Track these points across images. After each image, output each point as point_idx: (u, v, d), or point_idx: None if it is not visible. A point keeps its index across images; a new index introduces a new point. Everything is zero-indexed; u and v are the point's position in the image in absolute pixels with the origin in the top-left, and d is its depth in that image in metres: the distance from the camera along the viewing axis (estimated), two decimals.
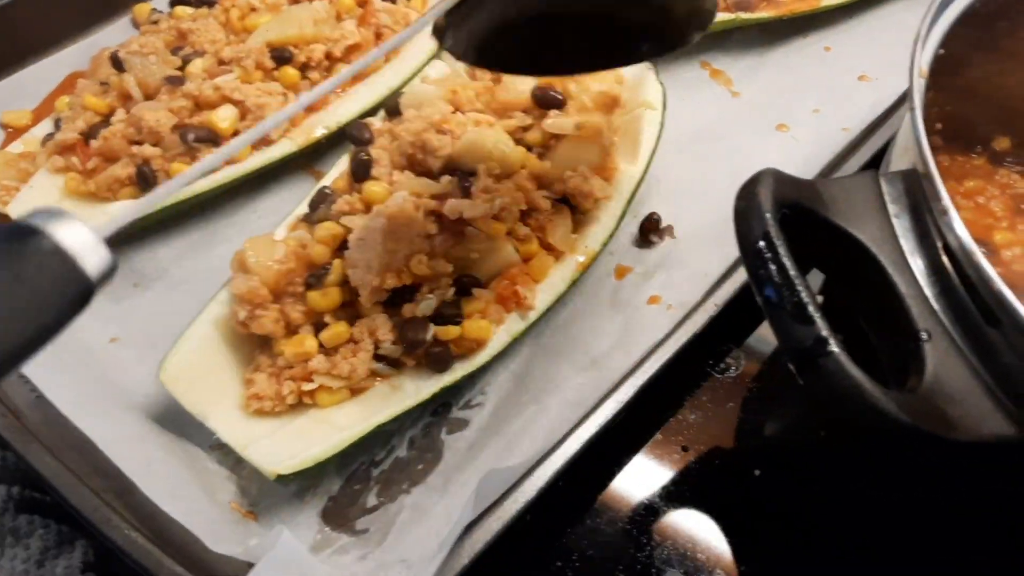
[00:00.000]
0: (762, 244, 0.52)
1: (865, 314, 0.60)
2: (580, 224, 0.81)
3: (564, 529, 0.70)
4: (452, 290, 0.73)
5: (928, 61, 0.65)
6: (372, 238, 0.70)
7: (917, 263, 0.56)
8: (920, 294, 0.54)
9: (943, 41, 0.66)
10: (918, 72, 0.62)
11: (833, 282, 0.67)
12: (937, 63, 0.66)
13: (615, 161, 0.84)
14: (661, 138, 0.87)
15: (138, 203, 0.40)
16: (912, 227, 0.57)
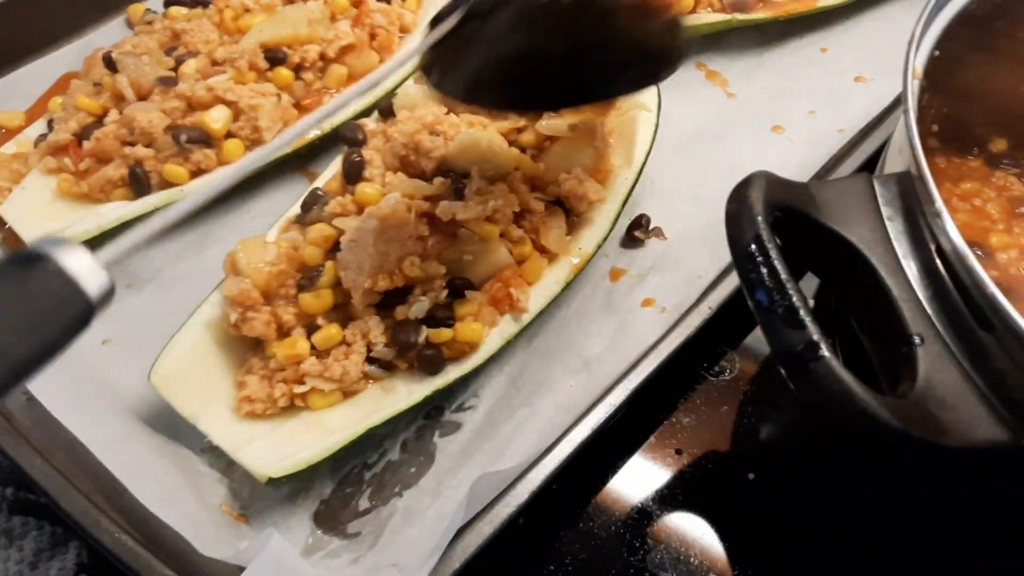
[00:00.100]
0: (753, 247, 0.51)
1: (858, 318, 0.60)
2: (574, 226, 0.81)
3: (557, 533, 0.70)
4: (445, 292, 0.73)
5: (923, 63, 0.64)
6: (364, 240, 0.70)
7: (910, 266, 0.55)
8: (913, 297, 0.54)
9: (938, 43, 0.66)
10: (912, 74, 0.61)
11: (826, 285, 0.67)
12: (933, 65, 0.65)
13: (609, 163, 0.83)
14: (656, 139, 0.87)
15: (139, 232, 0.43)
16: (906, 230, 0.57)
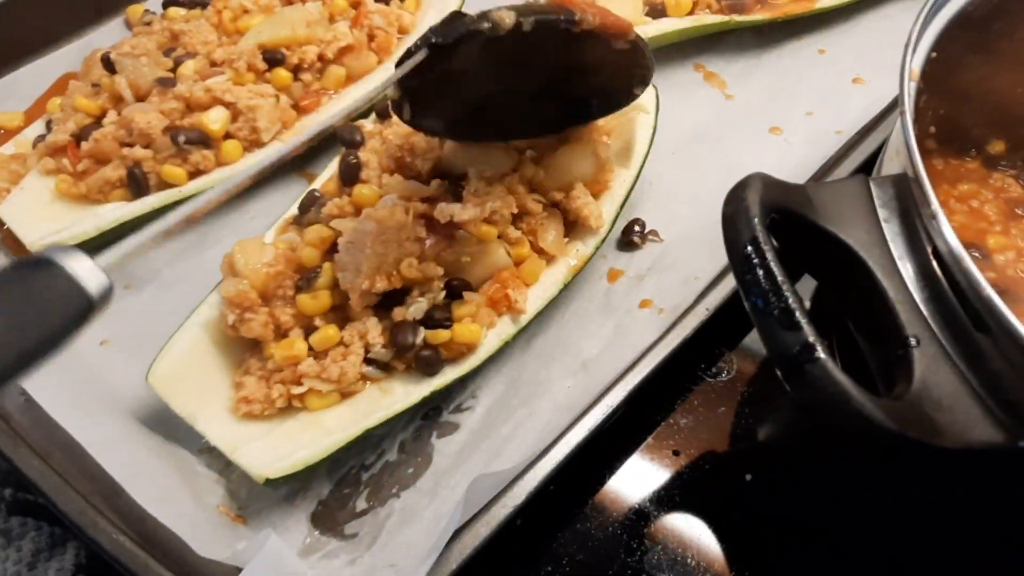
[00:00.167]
0: (749, 249, 0.51)
1: (854, 319, 0.60)
2: (572, 228, 0.81)
3: (554, 533, 0.70)
4: (443, 293, 0.73)
5: (920, 65, 0.64)
6: (361, 241, 0.70)
7: (906, 268, 0.55)
8: (909, 299, 0.54)
9: (936, 44, 0.66)
10: (909, 76, 0.61)
11: (823, 287, 0.67)
12: (930, 66, 0.65)
13: (611, 172, 0.83)
14: (654, 141, 0.87)
15: (136, 237, 0.47)
16: (902, 232, 0.57)
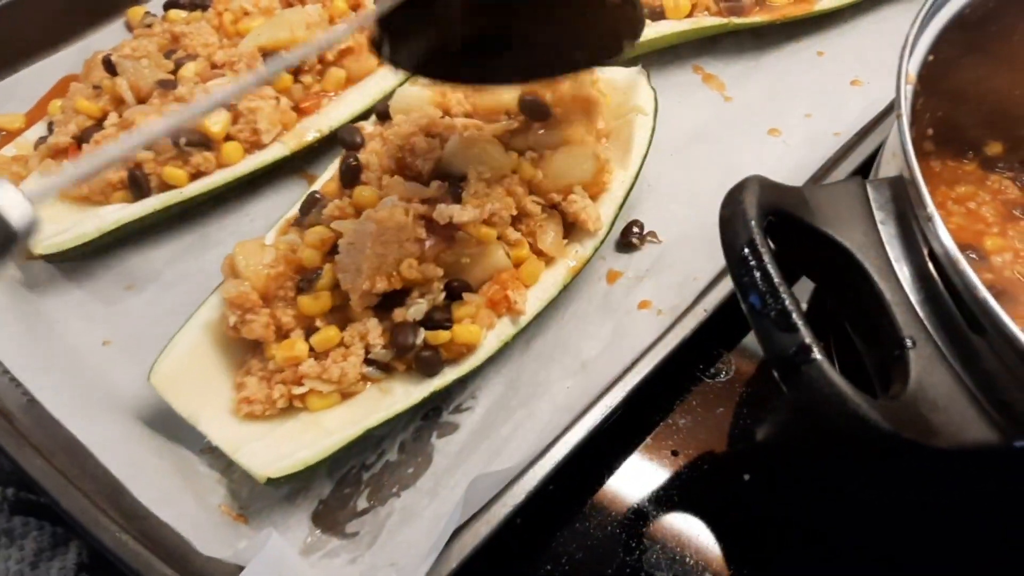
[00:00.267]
0: (747, 251, 0.52)
1: (851, 321, 0.60)
2: (571, 229, 0.81)
3: (554, 533, 0.71)
4: (443, 294, 0.74)
5: (917, 67, 0.65)
6: (362, 242, 0.70)
7: (903, 270, 0.56)
8: (905, 301, 0.54)
9: (932, 47, 0.66)
10: (905, 78, 0.62)
11: (820, 289, 0.67)
12: (927, 69, 0.66)
13: (609, 173, 0.83)
14: (653, 142, 0.87)
15: (78, 167, 0.47)
16: (898, 234, 0.57)
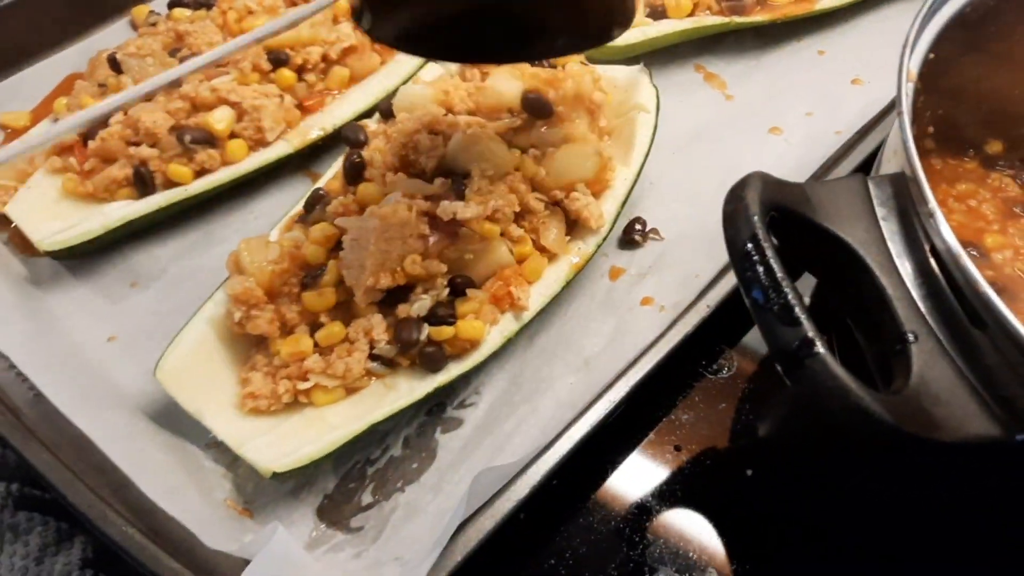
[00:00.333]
0: (750, 247, 0.52)
1: (853, 316, 0.61)
2: (574, 226, 0.82)
3: (557, 527, 0.71)
4: (446, 290, 0.74)
5: (918, 65, 0.65)
6: (366, 239, 0.71)
7: (904, 266, 0.56)
8: (907, 296, 0.55)
9: (933, 45, 0.67)
10: (906, 76, 0.62)
11: (822, 285, 0.68)
12: (928, 67, 0.66)
13: (611, 171, 0.84)
14: (655, 140, 0.88)
15: (25, 142, 0.47)
16: (900, 230, 0.58)
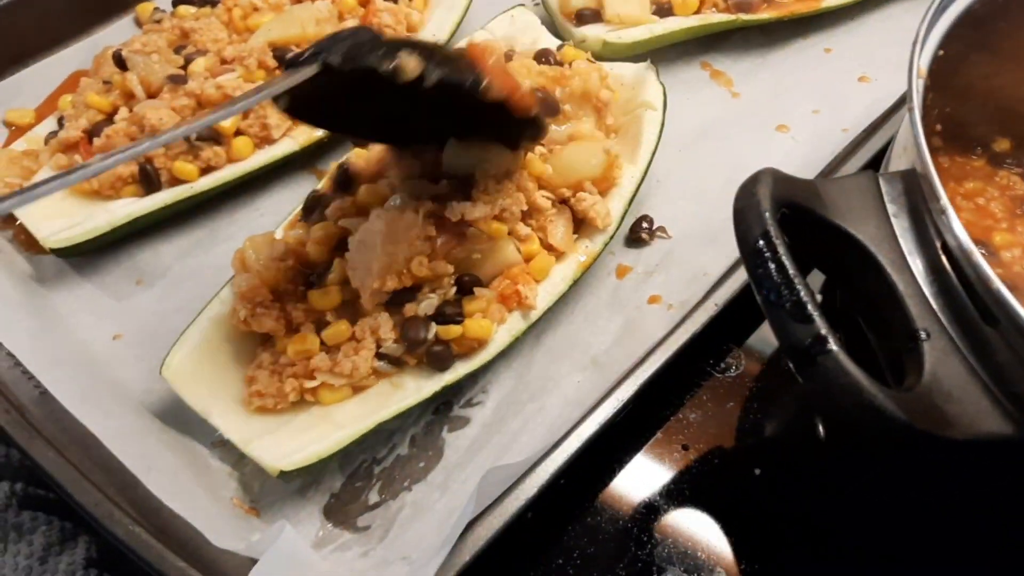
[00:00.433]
0: (761, 243, 0.52)
1: (864, 313, 0.61)
2: (580, 224, 0.81)
3: (565, 527, 0.71)
4: (454, 289, 0.74)
5: (927, 62, 0.65)
6: (371, 241, 0.70)
7: (916, 263, 0.56)
8: (919, 293, 0.55)
9: (942, 42, 0.67)
10: (917, 73, 0.62)
11: (832, 281, 0.68)
12: (937, 64, 0.66)
13: (618, 169, 0.83)
14: (662, 138, 0.87)
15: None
16: (911, 227, 0.57)
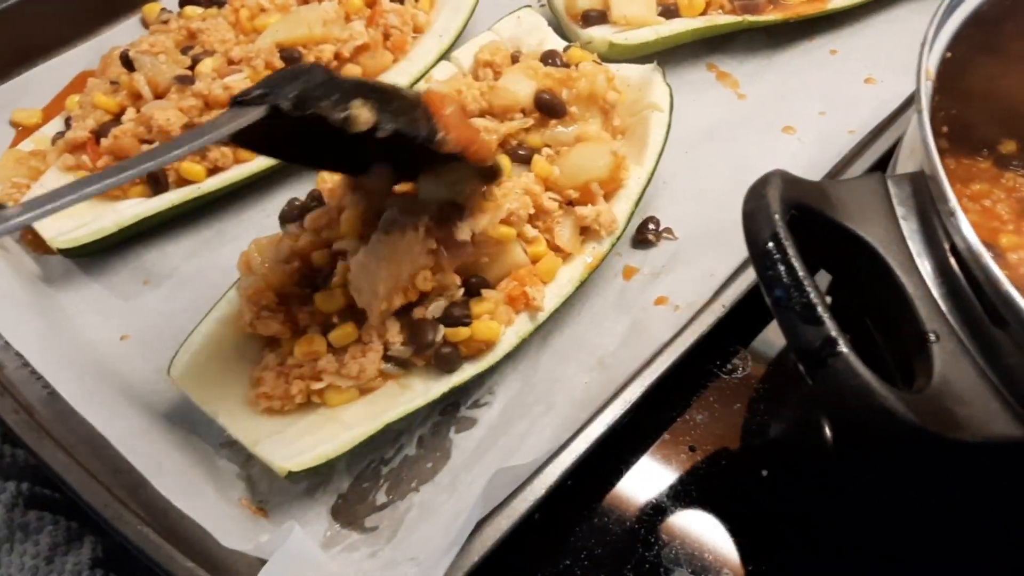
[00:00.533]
0: (771, 245, 0.52)
1: (872, 315, 0.61)
2: (587, 226, 0.81)
3: (572, 528, 0.71)
4: (461, 291, 0.74)
5: (935, 64, 0.65)
6: (373, 266, 0.69)
7: (924, 265, 0.56)
8: (928, 295, 0.55)
9: (950, 44, 0.66)
10: (925, 74, 0.62)
11: (840, 283, 0.68)
12: (944, 66, 0.66)
13: (625, 171, 0.83)
14: (668, 139, 0.87)
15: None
16: (920, 229, 0.57)
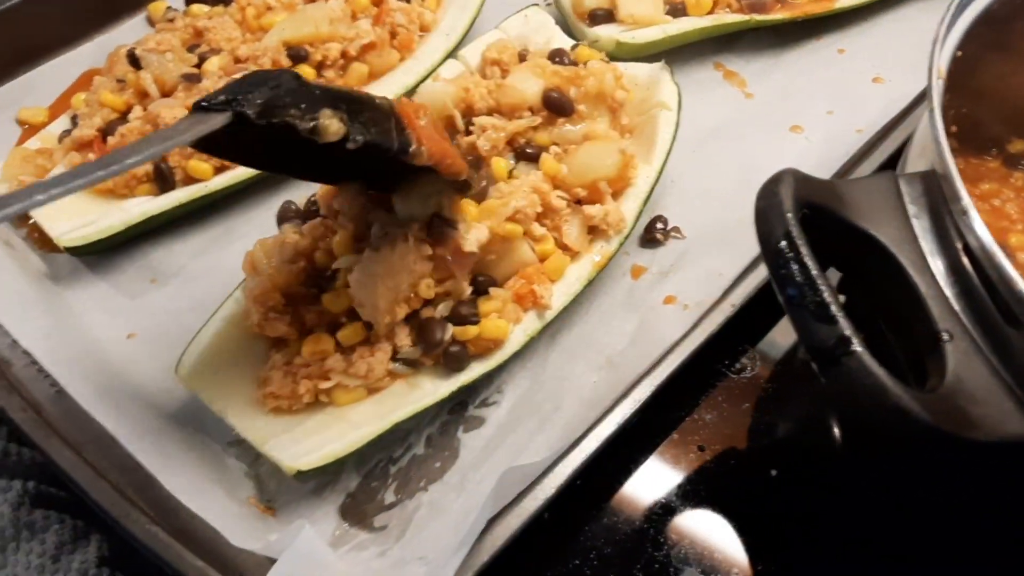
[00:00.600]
0: (784, 244, 0.52)
1: (885, 314, 0.60)
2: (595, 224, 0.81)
3: (582, 527, 0.71)
4: (469, 290, 0.74)
5: (946, 62, 0.65)
6: (369, 283, 0.69)
7: (937, 264, 0.56)
8: (940, 294, 0.54)
9: (961, 42, 0.66)
10: (936, 73, 0.62)
11: (852, 282, 0.67)
12: (953, 65, 0.66)
13: (633, 169, 0.83)
14: (676, 138, 0.87)
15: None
16: (932, 228, 0.57)
